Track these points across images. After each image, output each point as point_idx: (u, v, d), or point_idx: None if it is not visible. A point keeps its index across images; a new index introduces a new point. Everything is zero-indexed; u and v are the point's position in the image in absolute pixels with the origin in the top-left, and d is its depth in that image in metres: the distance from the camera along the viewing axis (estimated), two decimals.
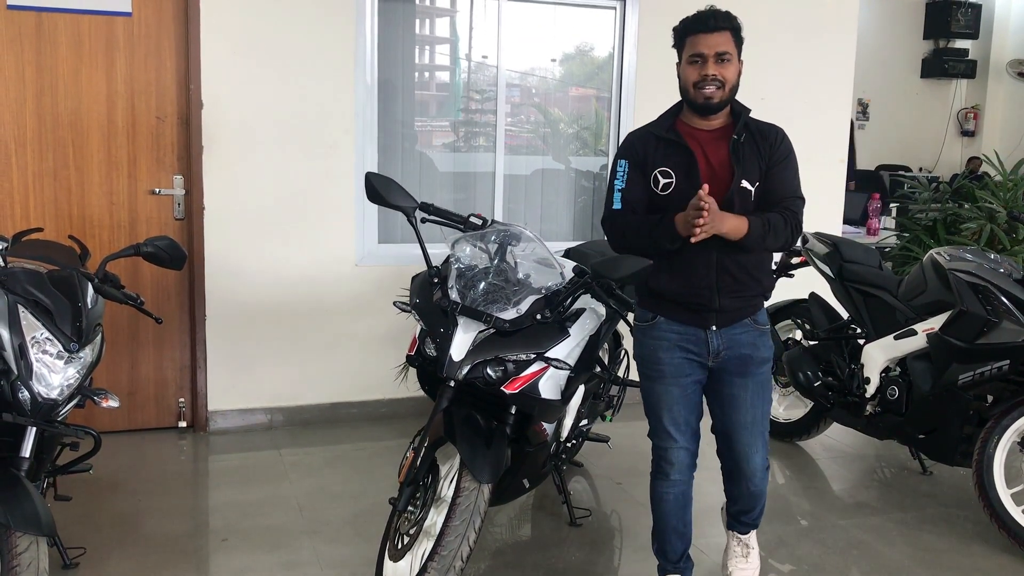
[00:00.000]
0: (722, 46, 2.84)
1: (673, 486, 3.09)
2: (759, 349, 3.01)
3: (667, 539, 3.16)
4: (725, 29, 2.85)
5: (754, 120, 2.99)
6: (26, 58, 4.38)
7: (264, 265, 4.83)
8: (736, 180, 2.89)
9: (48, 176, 4.48)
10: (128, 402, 4.71)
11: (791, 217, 2.92)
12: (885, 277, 4.46)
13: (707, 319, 2.95)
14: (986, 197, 6.12)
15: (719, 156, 2.92)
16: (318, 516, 3.90)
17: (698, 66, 2.85)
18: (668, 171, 2.91)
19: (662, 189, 2.92)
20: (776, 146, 2.95)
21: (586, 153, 5.83)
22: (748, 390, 3.00)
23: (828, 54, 5.76)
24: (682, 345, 2.97)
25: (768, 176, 2.93)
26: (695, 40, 2.86)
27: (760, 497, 3.18)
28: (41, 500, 2.63)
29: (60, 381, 2.73)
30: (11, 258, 2.94)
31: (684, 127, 2.97)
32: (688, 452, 3.06)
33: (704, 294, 2.92)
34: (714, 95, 2.85)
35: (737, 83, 2.91)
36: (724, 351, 2.97)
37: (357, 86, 4.89)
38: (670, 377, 2.98)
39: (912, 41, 9.98)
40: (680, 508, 3.12)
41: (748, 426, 3.02)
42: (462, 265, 3.20)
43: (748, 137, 2.94)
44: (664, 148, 2.94)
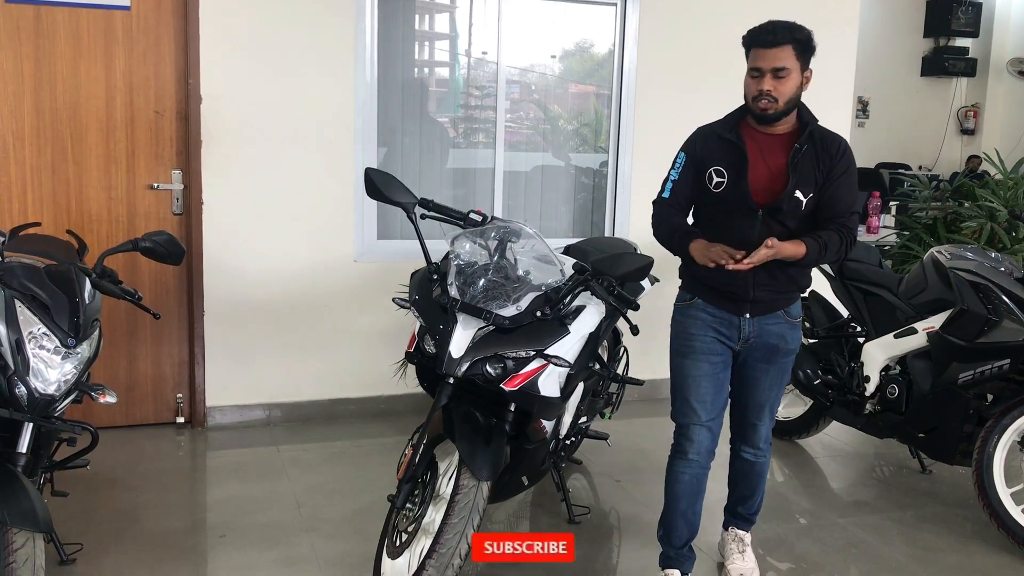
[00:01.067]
0: (780, 61, 2.88)
1: (689, 466, 3.18)
2: (787, 341, 3.16)
3: (674, 524, 3.25)
4: (786, 43, 2.89)
5: (820, 129, 3.04)
6: (24, 52, 4.36)
7: (263, 261, 4.82)
8: (789, 189, 2.96)
9: (46, 170, 4.47)
10: (126, 398, 4.70)
11: (846, 234, 3.01)
12: (885, 275, 4.46)
13: (741, 308, 3.08)
14: (986, 196, 6.10)
15: (777, 162, 3.00)
16: (316, 513, 3.89)
17: (756, 80, 2.93)
18: (722, 170, 3.01)
19: (715, 187, 3.03)
20: (837, 159, 3.00)
21: (586, 150, 5.82)
22: (769, 375, 3.19)
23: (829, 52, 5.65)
24: (715, 327, 3.11)
25: (826, 189, 3.00)
26: (756, 54, 2.93)
27: (759, 478, 3.36)
28: (38, 496, 2.62)
29: (57, 376, 2.71)
30: (8, 253, 2.93)
31: (748, 129, 3.05)
32: (709, 432, 3.16)
33: (740, 285, 3.03)
34: (768, 108, 2.93)
35: (797, 95, 2.96)
36: (754, 338, 3.11)
37: (357, 82, 4.87)
38: (700, 353, 3.12)
39: (912, 39, 9.97)
40: (692, 493, 3.22)
41: (761, 403, 3.24)
42: (462, 262, 3.19)
43: (810, 148, 2.99)
44: (722, 147, 3.03)
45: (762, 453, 3.34)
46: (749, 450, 3.33)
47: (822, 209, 3.01)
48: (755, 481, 3.41)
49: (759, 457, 3.34)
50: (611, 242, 4.43)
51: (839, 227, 3.00)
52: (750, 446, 3.32)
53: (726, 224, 3.03)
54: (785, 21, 2.93)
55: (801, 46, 2.92)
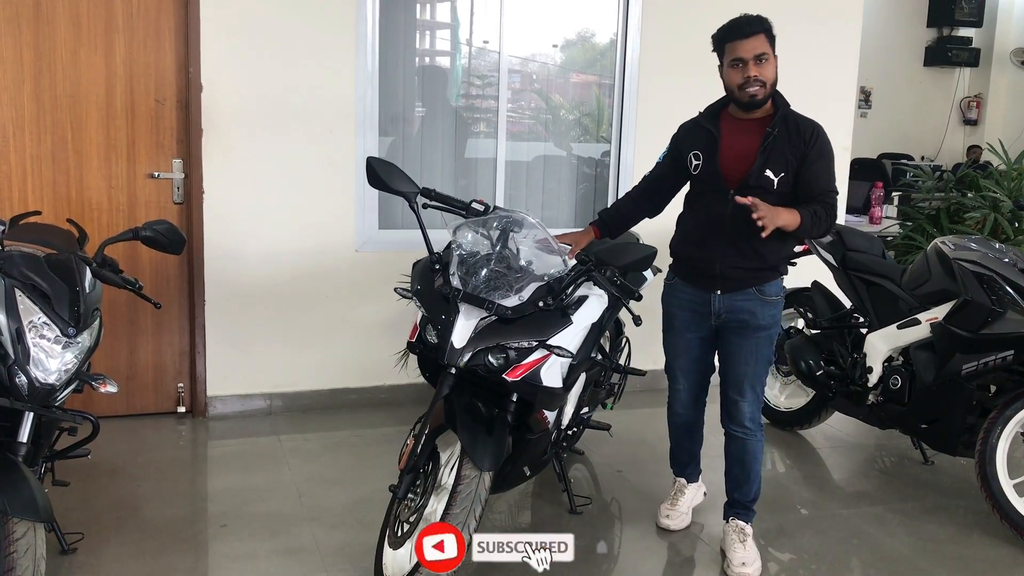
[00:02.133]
0: (759, 48, 3.16)
1: (677, 416, 3.68)
2: (757, 317, 3.34)
3: (675, 452, 3.80)
4: (759, 32, 3.17)
5: (793, 114, 3.28)
6: (24, 39, 4.34)
7: (264, 250, 4.80)
8: (757, 167, 3.21)
9: (46, 159, 4.45)
10: (127, 387, 4.69)
11: (830, 210, 3.25)
12: (888, 266, 4.44)
13: (712, 284, 3.35)
14: (990, 186, 6.08)
15: (749, 144, 3.25)
16: (317, 503, 3.88)
17: (740, 69, 3.18)
18: (699, 154, 3.33)
19: (694, 170, 3.35)
20: (811, 142, 3.23)
21: (587, 140, 5.79)
22: (743, 349, 3.37)
23: (833, 41, 5.71)
24: (691, 306, 3.43)
25: (803, 170, 3.23)
26: (734, 46, 3.19)
27: (753, 459, 3.46)
28: (39, 486, 2.61)
29: (58, 366, 2.70)
30: (8, 241, 2.91)
31: (727, 116, 3.34)
32: (689, 393, 3.58)
33: (709, 262, 3.32)
34: (758, 93, 3.18)
35: (776, 78, 3.23)
36: (725, 314, 3.36)
37: (358, 70, 4.85)
38: (679, 330, 3.50)
39: (915, 29, 9.93)
40: (686, 432, 3.72)
41: (740, 378, 3.40)
42: (464, 251, 3.17)
43: (783, 131, 3.22)
44: (701, 133, 3.35)
45: (750, 432, 3.43)
46: (736, 429, 3.45)
47: (802, 190, 3.24)
48: (748, 463, 3.47)
49: (748, 436, 3.44)
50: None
51: (822, 203, 3.22)
52: (736, 424, 3.44)
53: (703, 201, 3.35)
54: (752, 14, 3.21)
55: (770, 35, 3.20)
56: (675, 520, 3.73)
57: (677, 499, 3.77)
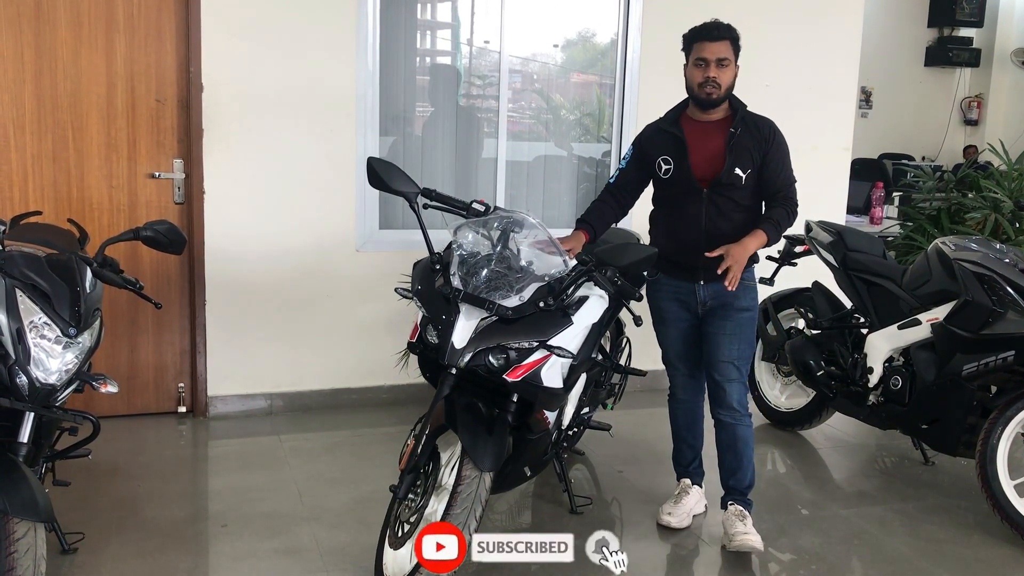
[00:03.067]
0: (722, 53, 3.37)
1: (680, 404, 3.76)
2: (739, 299, 3.50)
3: (679, 448, 3.83)
4: (726, 39, 3.39)
5: (750, 114, 3.49)
6: (25, 39, 4.34)
7: (264, 250, 4.80)
8: (728, 166, 3.40)
9: (47, 159, 4.45)
10: (127, 387, 4.69)
11: (789, 204, 3.48)
12: (889, 266, 4.44)
13: (695, 275, 3.51)
14: (991, 187, 6.08)
15: (716, 146, 3.44)
16: (318, 502, 3.88)
17: (702, 69, 3.39)
18: (668, 158, 3.49)
19: (664, 174, 3.51)
20: (770, 138, 3.46)
21: (588, 140, 5.79)
22: (726, 328, 3.51)
23: (833, 42, 5.71)
24: (677, 296, 3.59)
25: (765, 166, 3.45)
26: (701, 46, 3.40)
27: (744, 444, 3.55)
28: (39, 486, 2.61)
29: (58, 366, 2.70)
30: (9, 241, 2.91)
31: (687, 120, 3.53)
32: (689, 377, 3.71)
33: (691, 256, 3.45)
34: (713, 92, 3.40)
35: (733, 83, 3.44)
36: (710, 301, 3.53)
37: (358, 70, 4.85)
38: (669, 321, 3.65)
39: (916, 29, 9.91)
40: (688, 423, 3.77)
41: (724, 361, 3.52)
42: (464, 252, 3.17)
43: (744, 130, 3.44)
44: (666, 139, 3.52)
45: (739, 416, 3.53)
46: (724, 413, 3.54)
47: (765, 184, 3.47)
48: (740, 448, 3.55)
49: (737, 420, 3.53)
50: (614, 232, 4.41)
51: (783, 200, 3.46)
52: (724, 408, 3.54)
53: (677, 204, 3.50)
54: (722, 22, 3.42)
55: (735, 42, 3.41)
56: (677, 518, 3.73)
57: (681, 498, 3.78)
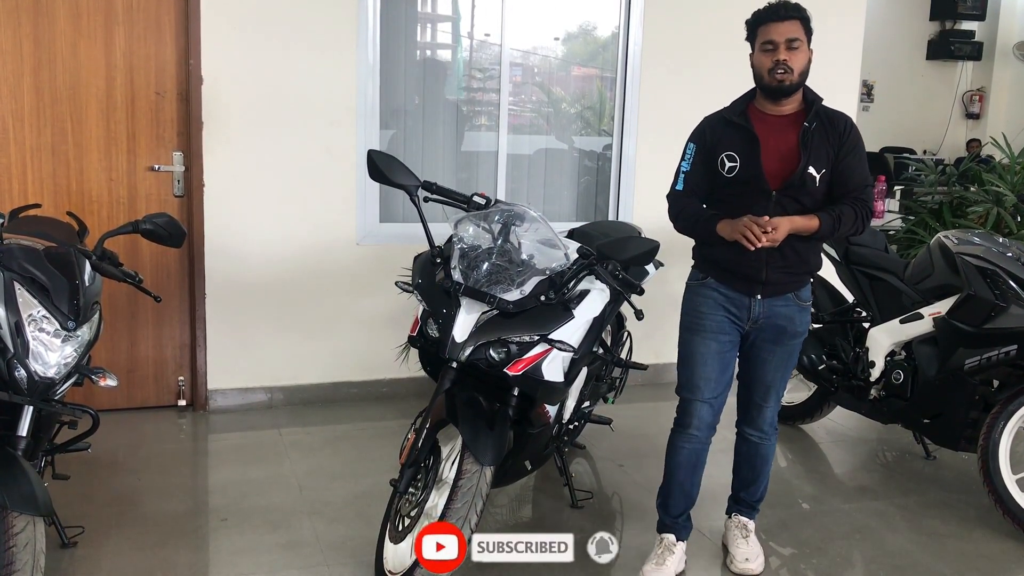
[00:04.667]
0: (792, 33, 2.98)
1: (689, 440, 3.25)
2: (795, 324, 3.19)
3: (672, 494, 3.33)
4: (795, 18, 3.00)
5: (824, 108, 3.10)
6: (24, 31, 4.32)
7: (264, 243, 4.79)
8: (802, 166, 3.02)
9: (46, 151, 4.44)
10: (127, 380, 4.68)
11: (861, 207, 3.08)
12: (891, 260, 4.43)
13: (753, 288, 3.12)
14: (993, 180, 6.06)
15: (788, 142, 3.06)
16: (318, 496, 3.88)
17: (770, 53, 3.00)
18: (733, 155, 3.06)
19: (727, 171, 3.07)
20: (846, 135, 3.08)
21: (589, 133, 5.78)
22: (776, 356, 3.21)
23: (836, 35, 5.68)
24: (726, 306, 3.15)
25: (839, 165, 3.07)
26: (767, 29, 3.00)
27: (764, 462, 3.37)
28: (38, 480, 2.61)
29: (57, 360, 2.69)
30: (8, 234, 2.91)
31: (755, 112, 3.11)
32: (711, 409, 3.21)
33: (754, 266, 3.08)
34: (785, 79, 2.99)
35: (807, 69, 3.04)
36: (763, 319, 3.15)
37: (359, 63, 4.83)
38: (709, 332, 3.16)
39: (918, 22, 9.89)
40: (691, 465, 3.29)
41: (767, 384, 3.26)
42: (465, 245, 3.16)
43: (819, 125, 3.06)
44: (732, 132, 3.09)
45: (767, 436, 3.36)
46: (754, 433, 3.35)
47: (836, 185, 3.09)
48: (759, 465, 3.40)
49: (764, 440, 3.36)
50: (615, 226, 4.40)
51: (853, 200, 3.07)
52: (755, 428, 3.34)
53: (741, 207, 3.04)
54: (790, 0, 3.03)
55: (806, 23, 3.03)
56: None
57: (665, 558, 3.29)
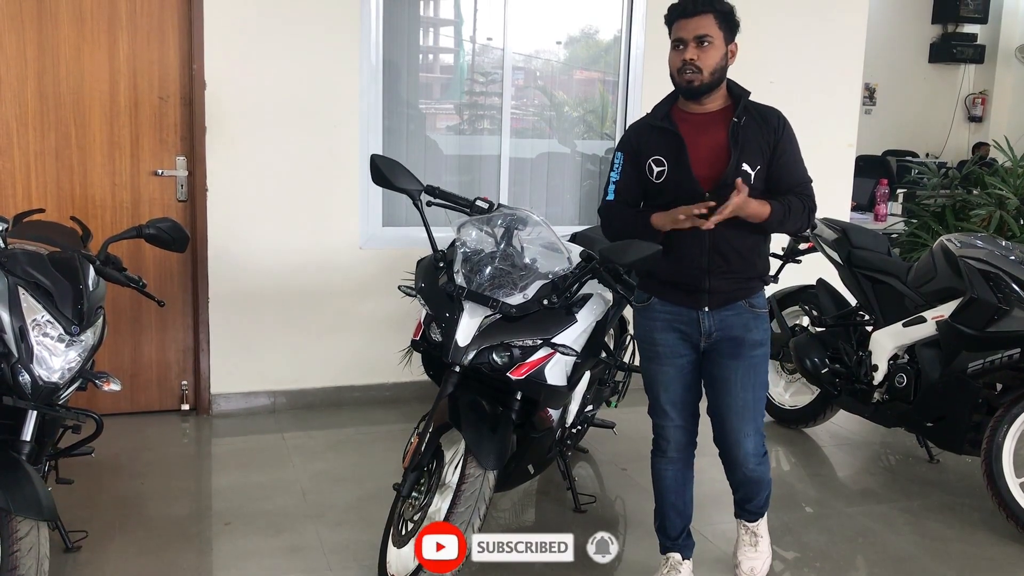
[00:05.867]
0: (702, 30, 2.80)
1: (670, 463, 3.13)
2: (752, 332, 2.98)
3: (666, 515, 3.19)
4: (707, 12, 2.80)
5: (754, 103, 2.94)
6: (27, 36, 4.33)
7: (267, 247, 4.79)
8: (733, 163, 2.85)
9: (50, 156, 4.45)
10: (130, 385, 4.69)
11: (808, 202, 2.93)
12: (894, 263, 4.42)
13: (699, 300, 2.94)
14: (995, 183, 6.06)
15: (716, 139, 2.88)
16: (321, 500, 3.88)
17: (679, 52, 2.84)
18: (660, 159, 2.90)
19: (656, 177, 2.92)
20: (780, 130, 2.91)
21: (591, 137, 5.78)
22: (739, 372, 2.97)
23: (838, 37, 5.69)
24: (676, 326, 2.99)
25: (776, 162, 2.91)
26: (678, 25, 2.86)
27: (759, 484, 3.16)
28: (42, 484, 2.61)
29: (61, 364, 2.70)
30: (12, 239, 2.91)
31: (679, 113, 2.95)
32: (684, 430, 3.08)
33: (696, 275, 2.92)
34: (693, 79, 2.83)
35: (722, 66, 2.85)
36: (716, 332, 2.96)
37: (362, 67, 4.84)
38: (665, 357, 3.01)
39: (920, 25, 9.90)
40: (679, 486, 3.15)
41: (738, 410, 2.99)
42: (468, 249, 3.16)
43: (748, 120, 2.89)
44: (657, 136, 2.93)
45: (756, 465, 3.08)
46: (737, 468, 3.09)
47: (777, 182, 2.91)
48: (753, 489, 3.18)
49: (752, 472, 3.08)
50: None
51: (799, 195, 2.91)
52: (739, 466, 3.06)
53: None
54: None
55: (723, 16, 2.83)
56: None
57: None
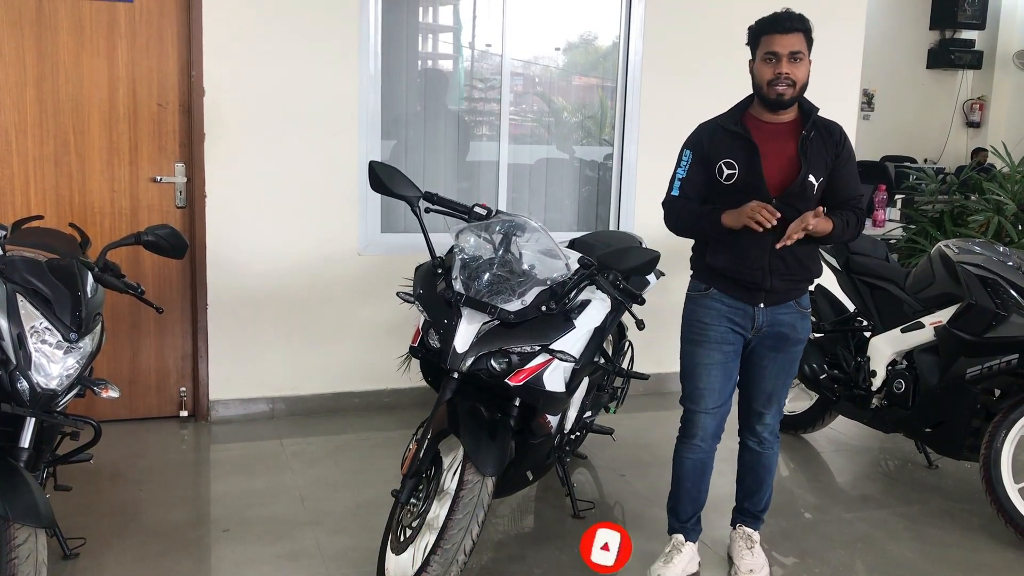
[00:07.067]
0: (795, 46, 2.99)
1: (694, 451, 3.29)
2: (797, 331, 3.22)
3: (680, 500, 3.38)
4: (799, 31, 3.01)
5: (820, 118, 3.14)
6: (27, 43, 4.34)
7: (266, 254, 4.80)
8: (803, 175, 3.05)
9: (49, 163, 4.45)
10: (129, 391, 4.68)
11: (861, 215, 3.19)
12: (892, 269, 4.43)
13: (756, 297, 3.14)
14: (993, 189, 6.07)
15: (786, 150, 3.08)
16: (320, 507, 3.88)
17: (772, 64, 3.00)
18: (732, 162, 3.07)
19: (726, 179, 3.08)
20: (842, 144, 3.15)
21: (590, 142, 5.79)
22: (776, 363, 3.23)
23: (836, 43, 5.69)
24: (729, 316, 3.16)
25: (835, 174, 3.13)
26: (770, 40, 3.01)
27: (766, 471, 3.38)
28: (40, 491, 2.61)
29: (59, 371, 2.70)
30: (10, 246, 2.91)
31: (752, 120, 3.12)
32: (714, 419, 3.25)
33: (757, 275, 3.10)
34: (785, 92, 3.01)
35: (807, 81, 3.05)
36: (766, 327, 3.18)
37: (361, 74, 4.84)
38: (713, 342, 3.18)
39: (918, 31, 9.92)
40: (697, 474, 3.33)
41: (768, 392, 3.28)
42: (466, 255, 3.16)
43: (816, 134, 3.10)
44: (730, 140, 3.09)
45: (769, 445, 3.36)
46: (755, 441, 3.36)
47: (834, 194, 3.14)
48: (762, 474, 3.40)
49: (766, 448, 3.36)
50: (616, 236, 4.41)
51: (854, 208, 3.16)
52: (756, 437, 3.35)
53: None
54: (794, 11, 3.03)
55: (808, 35, 3.04)
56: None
57: (672, 557, 3.36)
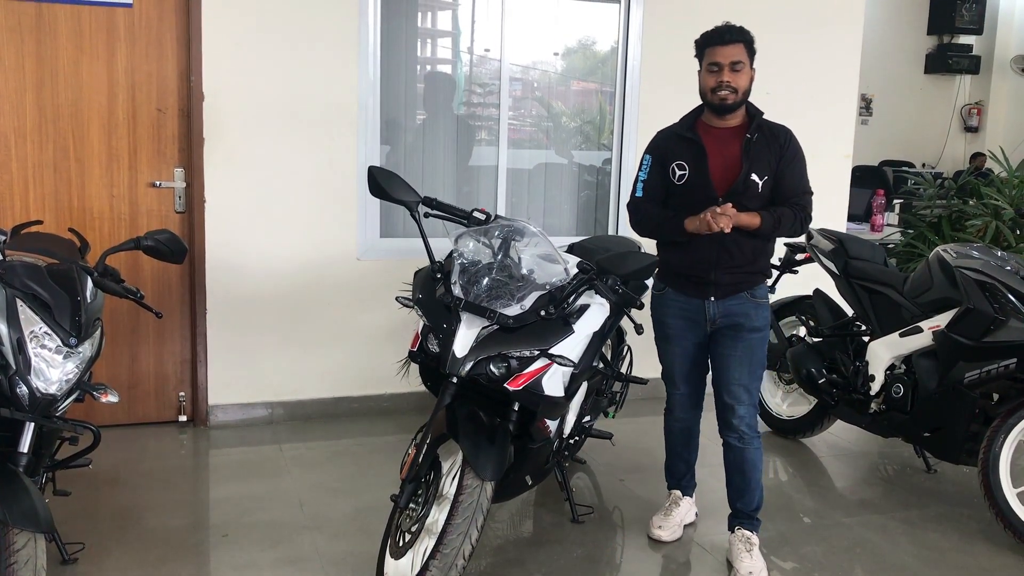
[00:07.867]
0: (736, 56, 3.28)
1: (676, 421, 3.71)
2: (752, 319, 3.42)
3: (672, 461, 3.81)
4: (739, 42, 3.30)
5: (766, 121, 3.41)
6: (26, 49, 4.35)
7: (265, 258, 4.80)
8: (744, 173, 3.31)
9: (48, 168, 4.45)
10: (128, 396, 4.69)
11: (799, 210, 3.39)
12: (891, 274, 4.44)
13: (706, 291, 3.41)
14: (991, 194, 6.08)
15: (732, 152, 3.35)
16: (319, 512, 3.87)
17: (715, 74, 3.29)
18: (683, 164, 3.38)
19: (678, 179, 3.40)
20: (786, 146, 3.39)
21: (589, 147, 5.80)
22: (737, 351, 3.42)
23: (834, 49, 5.72)
24: (684, 314, 3.48)
25: (779, 174, 3.37)
26: (713, 51, 3.31)
27: (751, 467, 3.48)
28: (39, 496, 2.61)
29: (59, 376, 2.70)
30: (10, 251, 2.91)
31: (703, 126, 3.42)
32: (687, 397, 3.64)
33: (704, 268, 3.38)
34: (728, 97, 3.30)
35: (749, 88, 3.34)
36: (720, 319, 3.42)
37: (360, 79, 4.85)
38: (674, 339, 3.54)
39: (916, 36, 9.95)
40: (683, 439, 3.74)
41: (735, 381, 3.43)
42: (465, 260, 3.17)
43: (760, 137, 3.36)
44: (683, 144, 3.41)
45: (748, 440, 3.45)
46: (733, 436, 3.46)
47: (778, 192, 3.38)
48: (748, 472, 3.48)
49: (746, 444, 3.45)
50: (615, 241, 4.42)
51: (792, 204, 3.37)
52: (735, 432, 3.45)
53: (690, 211, 3.31)
54: (735, 24, 3.33)
55: (749, 46, 3.32)
56: (667, 531, 3.71)
57: (671, 510, 3.76)
